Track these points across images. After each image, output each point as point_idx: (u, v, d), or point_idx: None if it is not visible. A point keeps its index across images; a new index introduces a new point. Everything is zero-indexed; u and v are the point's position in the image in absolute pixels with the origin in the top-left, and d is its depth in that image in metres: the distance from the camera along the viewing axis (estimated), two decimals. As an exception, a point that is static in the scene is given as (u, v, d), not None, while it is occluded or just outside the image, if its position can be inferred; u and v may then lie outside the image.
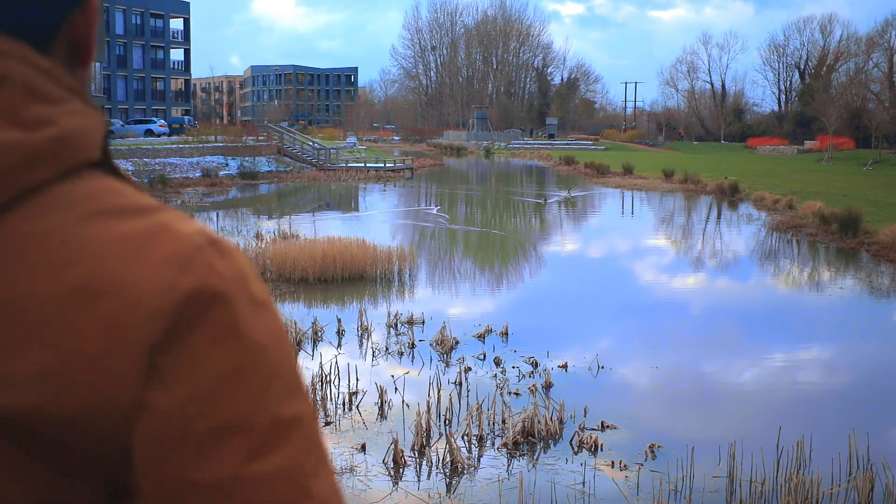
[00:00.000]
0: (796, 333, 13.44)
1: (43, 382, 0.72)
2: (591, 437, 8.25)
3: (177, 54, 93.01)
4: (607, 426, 8.66)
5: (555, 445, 8.22)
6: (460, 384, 9.87)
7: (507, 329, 12.32)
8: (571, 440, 8.27)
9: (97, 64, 64.08)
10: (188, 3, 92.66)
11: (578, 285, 17.57)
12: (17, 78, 0.77)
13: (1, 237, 0.74)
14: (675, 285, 17.52)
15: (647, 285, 17.68)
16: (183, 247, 0.77)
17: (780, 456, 7.59)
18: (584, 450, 8.06)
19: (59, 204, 0.76)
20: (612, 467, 7.67)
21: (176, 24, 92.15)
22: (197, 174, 43.30)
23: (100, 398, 0.73)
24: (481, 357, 11.09)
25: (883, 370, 11.55)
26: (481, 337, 12.07)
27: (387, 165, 55.51)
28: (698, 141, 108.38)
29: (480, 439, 8.21)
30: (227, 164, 46.56)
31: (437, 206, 34.93)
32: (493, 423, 8.55)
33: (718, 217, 32.18)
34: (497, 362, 10.86)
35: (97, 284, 0.74)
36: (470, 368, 10.52)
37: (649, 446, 8.09)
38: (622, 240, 25.44)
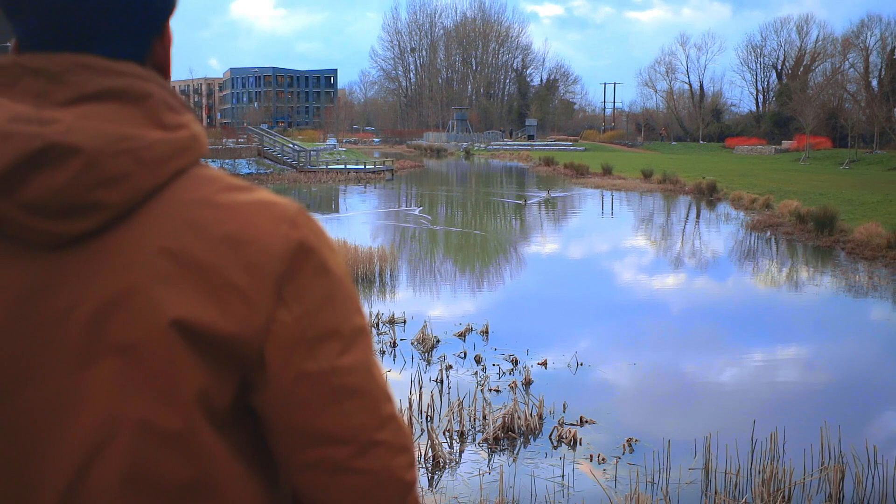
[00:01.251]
0: (772, 331, 13.66)
1: (208, 306, 1.04)
2: (570, 431, 8.41)
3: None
4: (586, 421, 8.83)
5: (534, 440, 8.38)
6: (441, 382, 10.02)
7: (487, 328, 12.48)
8: (551, 435, 8.43)
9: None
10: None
11: (559, 285, 17.75)
12: (157, 95, 1.09)
13: (167, 202, 1.06)
14: (653, 284, 17.72)
15: (627, 285, 17.88)
16: (288, 211, 1.12)
17: (755, 448, 7.78)
18: (563, 444, 8.21)
19: (200, 182, 1.10)
20: (591, 461, 7.84)
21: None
22: (177, 177, 43.28)
23: (246, 316, 1.06)
24: (462, 355, 11.24)
25: (855, 365, 11.78)
26: (462, 336, 12.22)
27: (367, 167, 55.57)
28: (677, 141, 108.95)
29: (462, 435, 8.35)
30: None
31: (419, 207, 35.08)
32: (474, 420, 8.70)
33: (698, 217, 32.47)
34: (478, 360, 11.01)
35: (241, 235, 1.07)
36: (451, 366, 10.67)
37: (627, 440, 8.26)
38: (602, 240, 25.66)
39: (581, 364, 10.97)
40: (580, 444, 8.21)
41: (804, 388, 10.68)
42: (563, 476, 7.46)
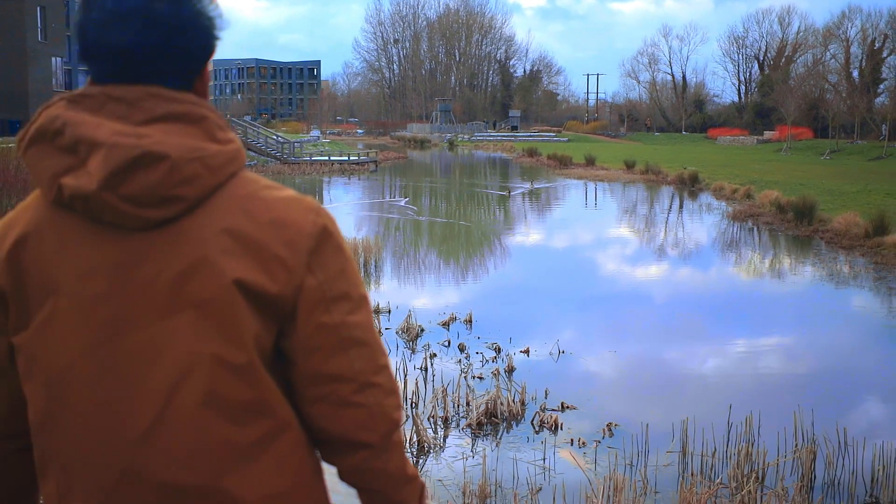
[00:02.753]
0: (750, 319, 13.92)
1: (259, 271, 1.43)
2: (551, 417, 8.62)
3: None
4: (567, 407, 9.04)
5: (517, 426, 8.58)
6: (426, 369, 10.21)
7: (471, 317, 12.68)
8: (533, 420, 8.64)
9: (58, 59, 63.60)
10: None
11: (542, 276, 17.96)
12: (211, 118, 1.47)
13: (225, 196, 1.44)
14: (634, 274, 17.97)
15: (609, 275, 18.13)
16: (313, 204, 1.53)
17: (730, 431, 8.02)
18: (544, 429, 8.42)
19: (246, 182, 1.48)
20: (572, 445, 8.05)
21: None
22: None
23: (286, 280, 1.45)
24: (446, 344, 11.44)
25: (830, 352, 12.04)
26: (446, 325, 12.41)
27: (351, 158, 55.61)
28: (660, 132, 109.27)
29: (446, 421, 8.55)
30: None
31: (405, 198, 35.22)
32: (458, 406, 8.90)
33: (681, 207, 32.76)
34: (461, 349, 11.21)
35: (282, 220, 1.46)
36: (435, 355, 10.86)
37: (607, 425, 8.48)
38: (585, 231, 25.91)
39: (563, 352, 11.19)
40: (561, 428, 8.43)
41: (780, 373, 10.92)
42: (544, 459, 7.67)
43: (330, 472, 1.64)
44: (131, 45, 1.42)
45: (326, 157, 55.90)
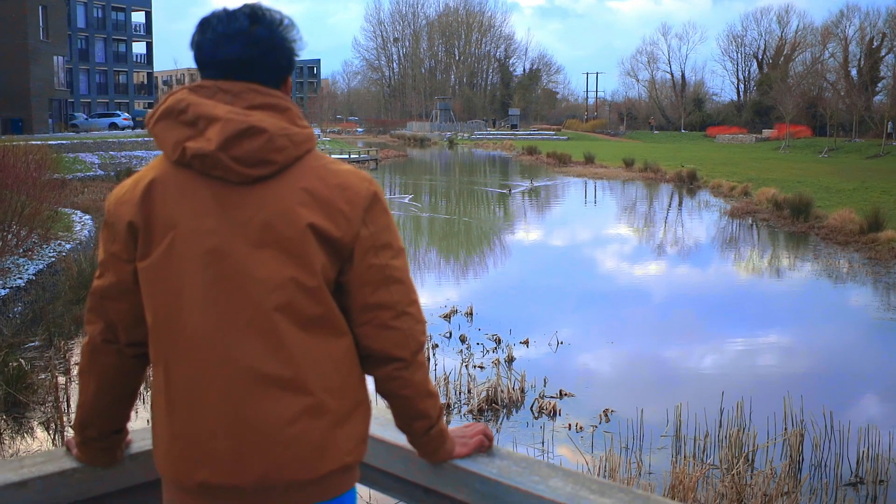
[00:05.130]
0: (744, 312, 14.24)
1: (327, 220, 1.87)
2: (550, 403, 8.94)
3: (139, 47, 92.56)
4: (565, 394, 9.36)
5: (517, 412, 8.90)
6: (428, 359, 10.50)
7: (471, 310, 12.99)
8: (532, 406, 8.96)
9: (59, 58, 63.79)
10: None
11: (541, 271, 18.28)
12: (293, 109, 1.95)
13: (304, 165, 1.90)
14: (632, 269, 18.28)
15: (607, 270, 18.44)
16: (367, 176, 1.96)
17: (722, 416, 8.33)
18: (543, 415, 8.74)
19: (318, 156, 1.95)
20: (569, 429, 8.36)
21: (137, 17, 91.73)
22: (163, 167, 43.40)
23: (347, 229, 1.89)
24: (447, 335, 11.75)
25: (821, 343, 12.37)
26: (447, 317, 12.72)
27: (351, 157, 55.91)
28: (659, 130, 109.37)
29: (448, 407, 8.86)
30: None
31: (409, 195, 35.50)
32: (460, 393, 9.21)
33: (680, 205, 33.05)
34: (462, 340, 11.52)
35: (345, 184, 1.91)
36: (437, 345, 11.17)
37: (604, 411, 8.79)
38: (585, 227, 26.21)
39: (561, 343, 11.50)
40: (559, 414, 8.75)
41: (772, 363, 11.24)
42: (542, 443, 7.99)
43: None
44: (236, 59, 1.93)
45: (327, 156, 56.05)
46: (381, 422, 2.28)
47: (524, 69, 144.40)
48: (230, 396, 1.89)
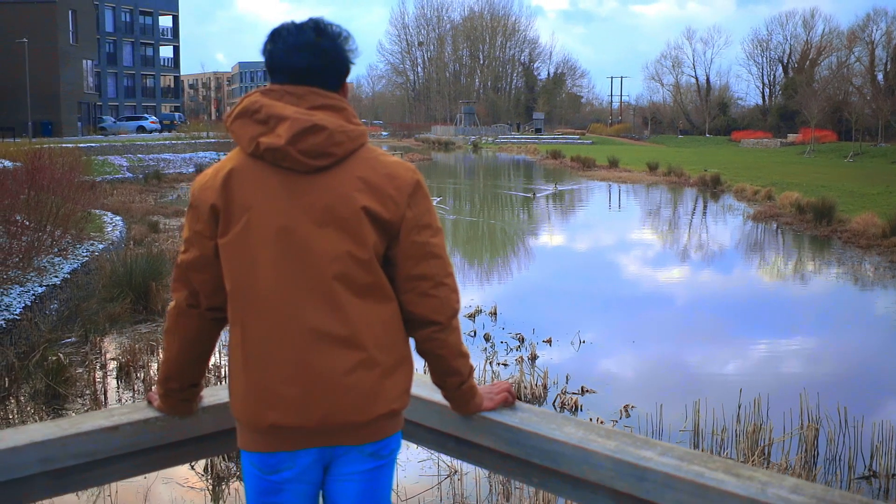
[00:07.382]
0: (764, 313, 14.42)
1: (378, 204, 2.24)
2: (571, 399, 9.19)
3: (166, 51, 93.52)
4: (587, 391, 9.60)
5: (539, 407, 9.12)
6: (454, 356, 10.76)
7: (496, 310, 13.25)
8: (554, 402, 9.21)
9: (88, 61, 64.57)
10: (177, 0, 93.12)
11: (565, 274, 18.53)
12: (348, 109, 2.32)
13: (358, 157, 2.28)
14: (655, 271, 18.48)
15: (630, 273, 18.65)
16: (412, 166, 2.35)
17: (740, 412, 8.55)
18: (565, 410, 8.98)
19: (371, 150, 2.33)
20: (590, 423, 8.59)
21: (165, 21, 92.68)
22: (190, 169, 43.97)
23: (395, 211, 2.26)
24: (472, 334, 12.01)
25: (839, 343, 12.54)
26: (472, 317, 13.00)
27: (376, 160, 56.09)
28: (683, 135, 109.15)
29: (473, 402, 9.10)
30: (219, 160, 47.05)
31: (437, 197, 35.66)
32: (484, 388, 9.45)
33: (704, 209, 33.16)
34: (487, 338, 11.78)
35: (393, 173, 2.29)
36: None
37: (624, 406, 9.03)
38: (609, 231, 26.42)
39: (584, 343, 11.74)
40: (581, 409, 8.99)
41: (790, 362, 11.43)
42: (564, 436, 8.23)
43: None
44: (305, 67, 2.27)
45: (352, 159, 56.30)
46: (419, 382, 2.69)
47: (548, 73, 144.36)
48: (297, 351, 2.22)
